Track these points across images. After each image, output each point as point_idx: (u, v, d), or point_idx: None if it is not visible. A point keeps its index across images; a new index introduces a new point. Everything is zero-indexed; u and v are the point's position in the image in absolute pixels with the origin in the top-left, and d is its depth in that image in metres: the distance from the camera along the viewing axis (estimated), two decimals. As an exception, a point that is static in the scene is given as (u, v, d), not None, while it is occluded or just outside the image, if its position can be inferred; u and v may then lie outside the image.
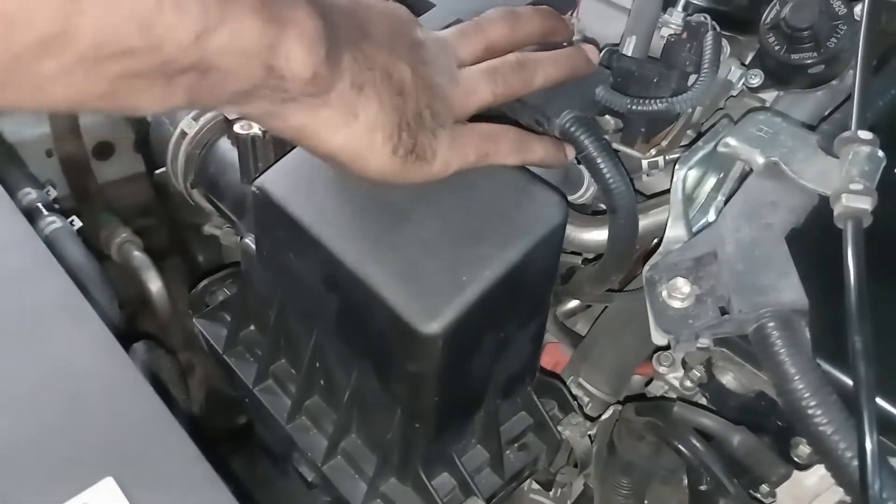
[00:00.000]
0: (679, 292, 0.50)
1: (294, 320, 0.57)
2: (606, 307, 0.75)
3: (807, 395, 0.44)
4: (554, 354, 0.79)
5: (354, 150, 0.41)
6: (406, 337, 0.44)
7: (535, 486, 0.70)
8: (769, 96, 0.63)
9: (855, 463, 0.41)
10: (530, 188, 0.48)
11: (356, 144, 0.41)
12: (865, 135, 0.47)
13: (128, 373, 0.41)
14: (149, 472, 0.37)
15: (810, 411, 0.44)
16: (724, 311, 0.49)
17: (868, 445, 0.40)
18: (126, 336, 0.53)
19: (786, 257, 0.48)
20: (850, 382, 0.42)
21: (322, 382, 0.57)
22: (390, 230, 0.47)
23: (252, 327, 0.64)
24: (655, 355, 0.63)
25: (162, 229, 1.21)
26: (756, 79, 0.62)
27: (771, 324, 0.46)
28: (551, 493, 0.70)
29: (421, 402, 0.48)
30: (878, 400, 0.44)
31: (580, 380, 0.73)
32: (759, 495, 0.59)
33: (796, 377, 0.44)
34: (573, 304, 0.81)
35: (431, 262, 0.45)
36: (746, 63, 0.63)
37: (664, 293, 0.50)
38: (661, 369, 0.62)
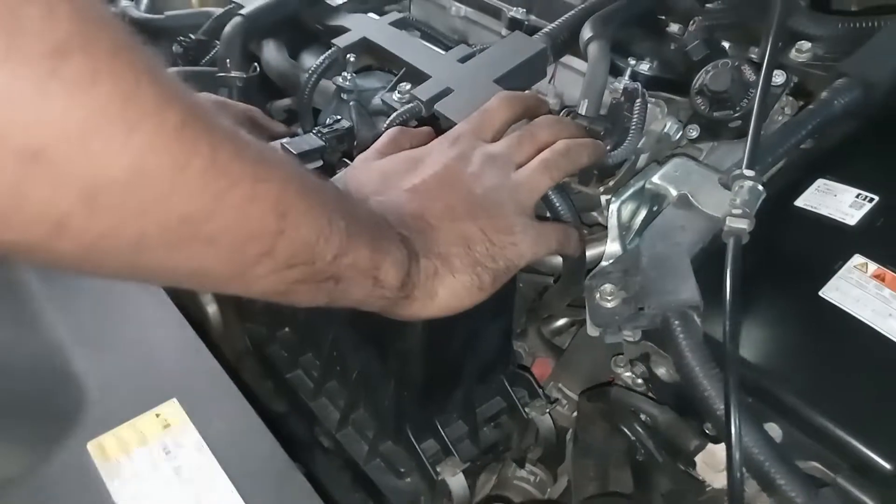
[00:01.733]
0: (609, 295, 0.64)
1: (317, 320, 0.73)
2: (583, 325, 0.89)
3: (695, 368, 0.57)
4: (542, 367, 0.93)
5: (445, 311, 0.55)
6: (398, 325, 0.59)
7: (519, 473, 0.84)
8: (706, 146, 0.78)
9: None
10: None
11: (444, 308, 0.55)
12: (749, 172, 0.62)
13: (187, 333, 0.58)
14: (203, 399, 0.53)
15: (696, 381, 0.57)
16: (641, 309, 0.63)
17: (732, 404, 0.53)
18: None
19: (687, 267, 0.62)
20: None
21: (338, 368, 0.73)
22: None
23: (286, 329, 0.80)
24: (613, 358, 0.76)
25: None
26: (694, 132, 0.77)
27: (672, 316, 0.59)
28: (532, 479, 0.84)
29: (409, 375, 0.63)
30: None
31: (559, 385, 0.87)
32: (692, 472, 0.71)
33: (687, 354, 0.58)
34: (559, 323, 0.96)
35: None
36: (686, 120, 0.79)
37: (598, 296, 0.64)
38: (618, 370, 0.75)
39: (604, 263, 0.68)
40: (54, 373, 0.52)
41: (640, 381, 0.74)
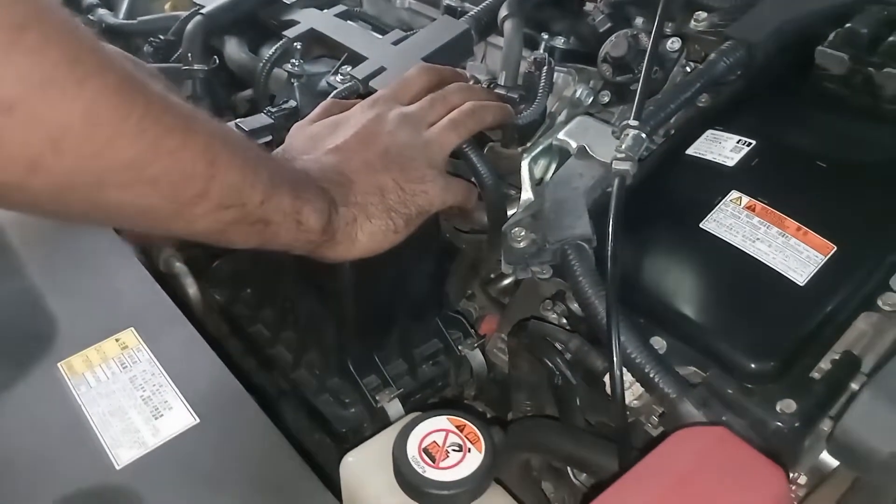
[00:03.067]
0: (519, 237, 0.72)
1: (271, 275, 0.82)
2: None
3: (587, 291, 0.66)
4: (491, 323, 1.02)
5: (366, 252, 0.64)
6: (330, 266, 0.68)
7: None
8: (617, 110, 0.87)
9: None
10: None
11: (365, 250, 0.64)
12: (634, 122, 0.71)
13: (150, 283, 0.67)
14: (155, 328, 0.62)
15: (587, 301, 0.65)
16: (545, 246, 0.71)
17: (613, 317, 0.61)
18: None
19: (582, 207, 0.71)
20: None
21: (290, 318, 0.82)
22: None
23: (248, 290, 0.89)
24: (541, 303, 0.85)
25: (204, 257, 1.50)
26: (606, 97, 0.86)
27: (568, 249, 0.68)
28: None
29: (344, 312, 0.72)
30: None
31: (503, 335, 0.95)
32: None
33: (581, 280, 0.66)
34: (506, 282, 1.04)
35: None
36: (599, 88, 0.88)
37: (510, 238, 0.73)
38: (545, 313, 0.84)
39: (517, 211, 0.77)
40: (32, 308, 0.62)
41: (564, 320, 0.83)
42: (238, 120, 0.84)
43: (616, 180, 0.68)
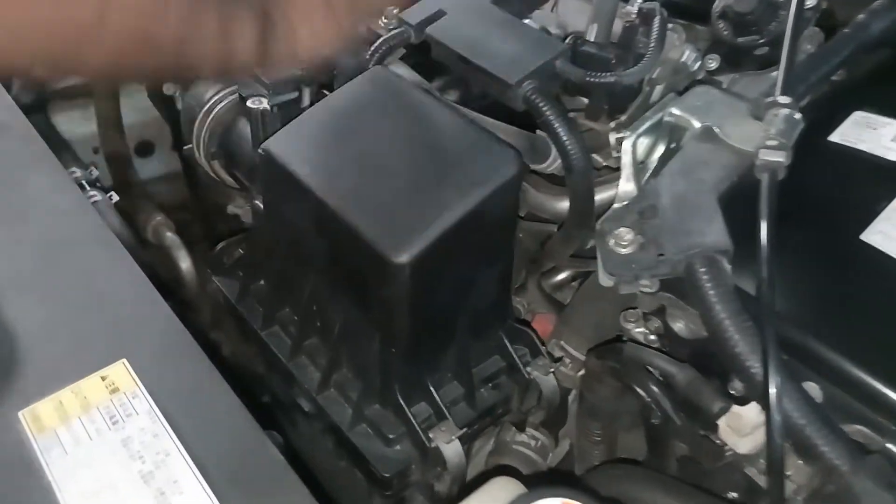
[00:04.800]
0: (623, 240, 0.57)
1: (294, 268, 0.65)
2: (586, 277, 0.82)
3: (725, 321, 0.50)
4: (543, 324, 0.86)
5: (313, 50, 0.52)
6: (380, 267, 0.52)
7: (519, 437, 0.77)
8: (727, 79, 0.70)
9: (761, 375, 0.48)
10: (488, 145, 0.56)
11: (311, 48, 0.51)
12: (784, 99, 0.54)
13: (144, 284, 0.50)
14: (156, 359, 0.45)
15: (727, 335, 0.50)
16: (661, 256, 0.56)
17: (771, 361, 0.46)
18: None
19: (713, 206, 0.55)
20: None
21: (318, 324, 0.66)
22: (368, 179, 0.55)
23: (261, 281, 0.72)
24: (622, 313, 0.69)
25: (196, 222, 1.32)
26: (713, 63, 0.69)
27: (697, 262, 0.52)
28: (532, 444, 0.77)
29: (395, 326, 0.56)
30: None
31: (561, 342, 0.80)
32: (711, 436, 0.65)
33: (716, 306, 0.51)
34: (561, 276, 0.89)
35: (403, 205, 0.54)
36: (704, 51, 0.71)
37: (611, 242, 0.57)
38: (628, 325, 0.69)
39: (617, 205, 0.61)
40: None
41: (653, 337, 0.68)
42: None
43: (765, 177, 0.52)
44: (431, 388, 0.61)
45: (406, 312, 0.55)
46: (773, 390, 0.47)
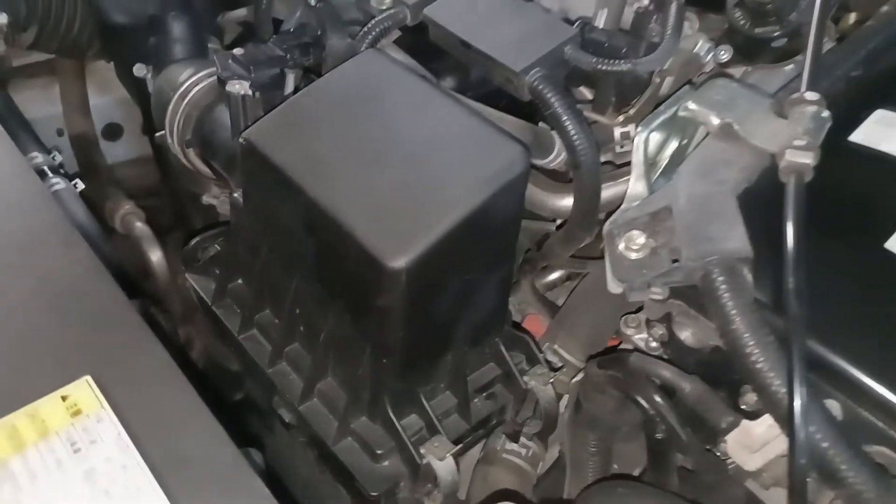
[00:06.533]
0: (634, 244, 0.53)
1: (277, 269, 0.60)
2: (583, 278, 0.78)
3: (745, 335, 0.47)
4: (534, 325, 0.82)
5: None
6: (374, 272, 0.48)
7: (509, 446, 0.73)
8: (739, 72, 0.66)
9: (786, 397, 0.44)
10: (494, 139, 0.52)
11: None
12: (812, 96, 0.50)
13: (111, 288, 0.44)
14: (124, 375, 0.40)
15: (747, 350, 0.47)
16: (676, 262, 0.52)
17: (797, 379, 0.43)
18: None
19: (734, 210, 0.51)
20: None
21: (302, 329, 0.61)
22: (363, 175, 0.50)
23: (240, 280, 0.67)
24: (623, 318, 0.65)
25: (166, 209, 1.26)
26: (725, 54, 0.65)
27: (716, 270, 0.49)
28: (523, 452, 0.73)
29: (388, 336, 0.52)
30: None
31: (555, 346, 0.76)
32: (717, 452, 0.61)
33: (736, 319, 0.47)
34: (554, 276, 0.85)
35: (400, 204, 0.49)
36: (717, 41, 0.67)
37: (621, 245, 0.53)
38: (629, 331, 0.65)
39: (626, 206, 0.56)
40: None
41: (654, 344, 0.64)
42: (236, 50, 0.61)
43: (792, 180, 0.48)
44: (424, 400, 0.57)
45: (401, 322, 0.50)
46: (797, 410, 0.43)
